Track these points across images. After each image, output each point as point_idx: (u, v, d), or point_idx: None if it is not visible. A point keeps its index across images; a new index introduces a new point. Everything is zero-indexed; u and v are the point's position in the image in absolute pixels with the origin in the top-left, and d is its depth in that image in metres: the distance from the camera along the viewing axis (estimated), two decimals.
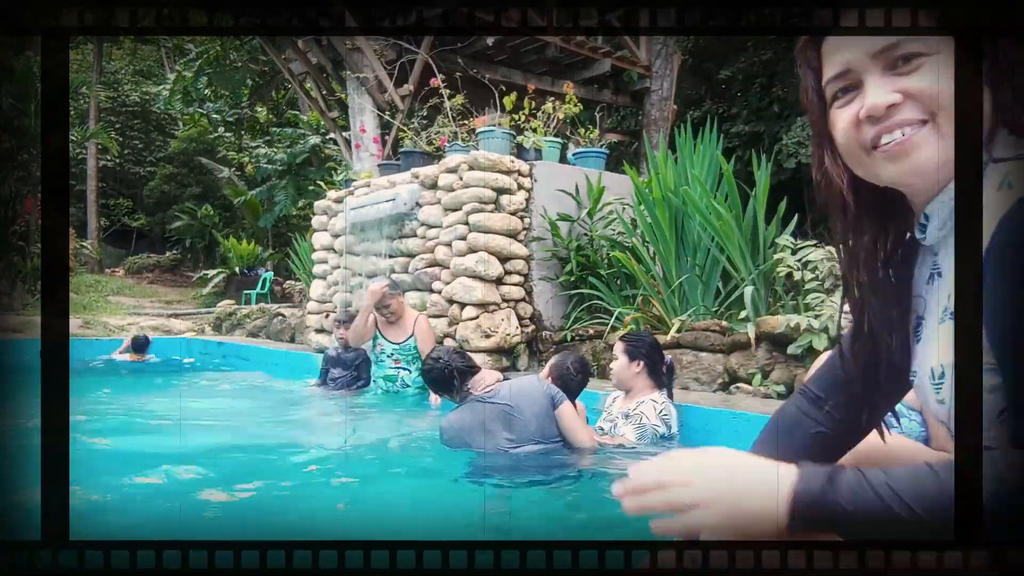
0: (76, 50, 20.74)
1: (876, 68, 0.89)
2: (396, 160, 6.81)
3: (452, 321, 5.27)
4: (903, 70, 0.88)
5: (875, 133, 0.89)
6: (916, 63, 0.87)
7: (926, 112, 0.87)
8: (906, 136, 0.87)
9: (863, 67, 0.90)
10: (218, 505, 2.59)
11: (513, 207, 5.32)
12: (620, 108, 10.23)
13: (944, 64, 0.86)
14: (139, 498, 2.64)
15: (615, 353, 3.44)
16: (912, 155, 0.88)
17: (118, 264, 19.09)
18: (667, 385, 3.42)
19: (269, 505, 2.64)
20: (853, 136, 0.92)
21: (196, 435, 3.88)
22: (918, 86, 0.87)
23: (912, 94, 0.87)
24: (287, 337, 8.42)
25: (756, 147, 7.37)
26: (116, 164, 20.57)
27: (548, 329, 5.40)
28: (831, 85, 0.94)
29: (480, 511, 2.44)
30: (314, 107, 9.69)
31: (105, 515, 2.37)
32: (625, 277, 5.19)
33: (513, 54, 8.00)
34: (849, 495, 0.78)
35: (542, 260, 5.46)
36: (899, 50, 0.88)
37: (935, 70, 0.87)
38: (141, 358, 7.59)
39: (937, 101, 0.86)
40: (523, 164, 5.47)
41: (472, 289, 5.11)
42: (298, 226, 13.54)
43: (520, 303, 5.40)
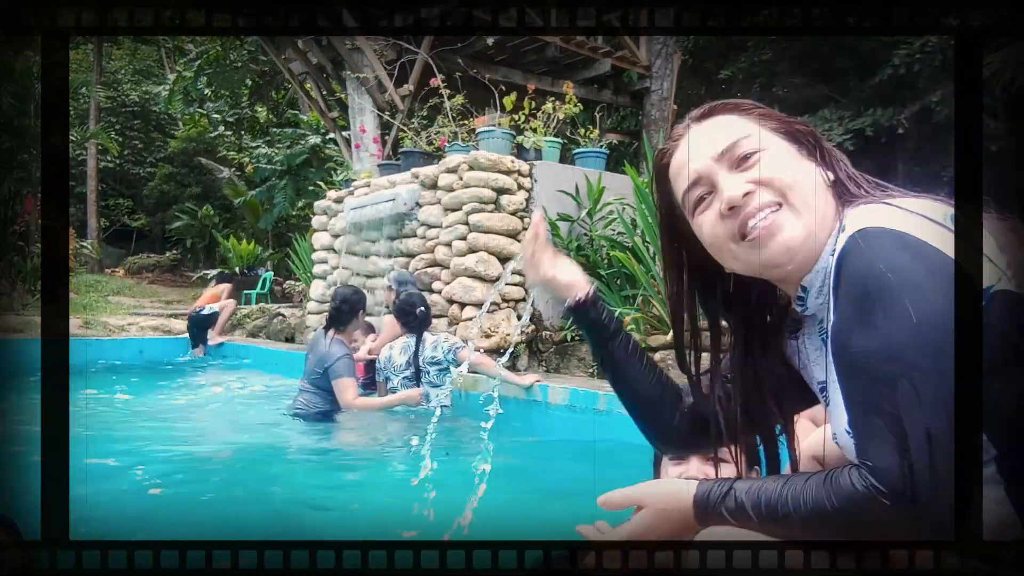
0: (76, 50, 20.72)
1: (723, 168, 1.00)
2: (396, 160, 6.80)
3: (452, 321, 5.27)
4: (745, 166, 0.99)
5: (740, 222, 0.99)
6: (754, 159, 0.99)
7: (778, 195, 0.97)
8: (768, 219, 0.97)
9: (711, 171, 1.01)
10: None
11: (513, 207, 5.32)
12: (620, 108, 10.21)
13: (781, 154, 0.99)
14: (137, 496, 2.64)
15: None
16: (778, 236, 0.97)
17: (118, 264, 19.08)
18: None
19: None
20: (721, 232, 1.01)
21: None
22: (764, 175, 0.98)
23: (761, 181, 0.98)
24: (287, 337, 8.42)
25: None
26: (116, 164, 20.56)
27: (548, 329, 5.40)
28: (689, 195, 1.05)
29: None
30: (314, 107, 9.68)
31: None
32: (625, 277, 5.19)
33: (513, 54, 7.99)
34: (735, 499, 0.92)
35: None
36: (737, 150, 0.99)
37: (773, 161, 0.98)
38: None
39: (784, 184, 0.97)
40: (523, 164, 5.47)
41: (472, 289, 5.11)
42: (298, 226, 13.53)
43: (520, 303, 5.40)
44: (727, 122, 1.03)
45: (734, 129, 1.01)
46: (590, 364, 4.90)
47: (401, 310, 4.40)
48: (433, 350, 4.34)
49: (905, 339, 0.80)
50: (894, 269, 0.82)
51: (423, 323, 4.43)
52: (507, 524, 2.44)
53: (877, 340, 0.82)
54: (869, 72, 7.26)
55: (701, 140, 1.03)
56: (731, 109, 1.05)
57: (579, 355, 5.02)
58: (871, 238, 0.85)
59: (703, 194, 1.02)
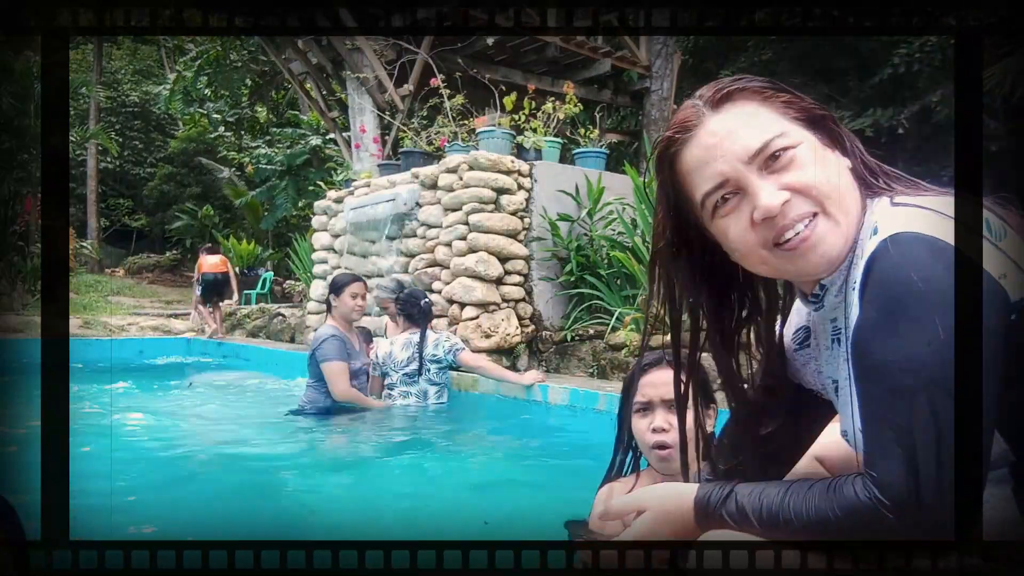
0: (76, 50, 20.73)
1: (752, 171, 0.93)
2: (396, 160, 6.80)
3: (452, 321, 5.27)
4: (777, 167, 0.92)
5: (776, 232, 0.92)
6: (787, 157, 0.92)
7: (815, 204, 0.92)
8: (807, 229, 0.92)
9: (741, 175, 0.93)
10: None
11: (513, 207, 5.32)
12: (620, 108, 10.22)
13: (810, 150, 0.93)
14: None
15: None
16: (819, 248, 0.92)
17: (118, 264, 19.09)
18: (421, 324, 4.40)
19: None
20: (752, 239, 0.94)
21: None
22: (799, 181, 0.91)
23: (797, 189, 0.91)
24: (287, 337, 8.42)
25: None
26: (116, 164, 20.57)
27: (548, 329, 5.40)
28: (710, 198, 0.96)
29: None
30: (314, 107, 9.69)
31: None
32: (625, 277, 5.19)
33: (513, 54, 7.99)
34: (735, 502, 0.91)
35: (542, 260, 5.46)
36: (767, 150, 0.92)
37: (805, 159, 0.92)
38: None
39: (821, 192, 0.91)
40: (523, 164, 5.47)
41: (472, 289, 5.11)
42: (298, 226, 13.53)
43: (520, 303, 5.40)
44: (751, 113, 0.94)
45: (762, 124, 0.93)
46: (590, 364, 4.90)
47: (406, 303, 4.40)
48: (435, 348, 4.34)
49: (929, 353, 0.78)
50: (926, 280, 0.79)
51: (427, 316, 4.42)
52: (507, 524, 2.44)
53: (901, 351, 0.80)
54: (869, 72, 7.26)
55: (724, 137, 0.94)
56: (752, 95, 0.96)
57: (579, 355, 5.02)
58: (904, 244, 0.82)
59: (727, 195, 0.95)
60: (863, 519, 0.80)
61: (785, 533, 0.86)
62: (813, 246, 0.92)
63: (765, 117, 0.94)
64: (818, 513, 0.83)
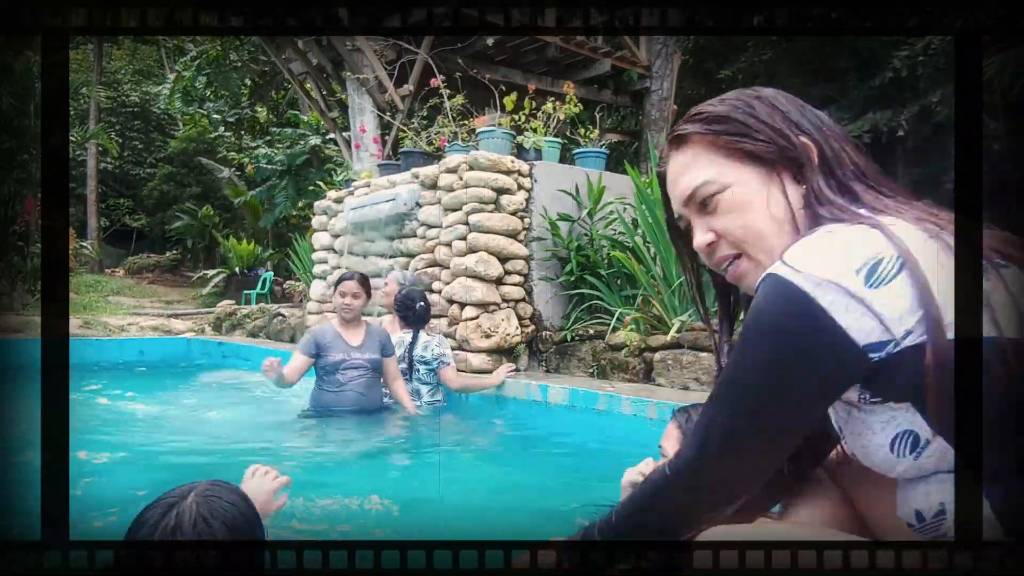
0: (76, 50, 20.74)
1: (692, 211, 1.05)
2: (396, 160, 6.80)
3: (452, 321, 5.27)
4: (708, 209, 1.02)
5: (714, 263, 1.06)
6: (714, 202, 1.00)
7: (735, 247, 1.01)
8: (732, 267, 1.03)
9: (684, 211, 1.06)
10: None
11: (513, 207, 5.32)
12: (620, 108, 10.23)
13: (740, 193, 0.99)
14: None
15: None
16: (743, 282, 1.03)
17: (118, 264, 19.09)
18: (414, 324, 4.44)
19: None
20: (705, 259, 1.08)
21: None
22: (722, 226, 1.01)
23: (720, 232, 1.01)
24: (287, 337, 8.43)
25: None
26: (116, 165, 20.57)
27: (548, 329, 5.40)
28: (679, 221, 1.10)
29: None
30: (314, 107, 9.69)
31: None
32: (625, 277, 5.19)
33: (513, 54, 8.00)
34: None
35: (542, 260, 5.46)
36: (699, 195, 1.01)
37: (730, 204, 1.00)
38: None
39: (738, 237, 1.00)
40: (523, 164, 5.47)
41: (472, 289, 5.11)
42: (298, 226, 13.53)
43: (520, 303, 5.40)
44: (693, 156, 1.02)
45: (698, 168, 1.01)
46: (590, 364, 4.90)
47: (401, 304, 4.43)
48: (423, 350, 4.38)
49: (750, 372, 0.89)
50: (769, 318, 0.87)
51: (421, 319, 4.44)
52: (507, 524, 2.44)
53: (731, 364, 0.91)
54: (869, 73, 7.27)
55: (671, 182, 1.07)
56: (698, 139, 1.02)
57: (579, 355, 5.02)
58: (768, 285, 0.88)
59: (686, 225, 1.08)
60: (654, 487, 0.99)
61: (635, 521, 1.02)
62: (738, 279, 1.03)
63: (704, 161, 1.01)
64: (639, 501, 1.02)
